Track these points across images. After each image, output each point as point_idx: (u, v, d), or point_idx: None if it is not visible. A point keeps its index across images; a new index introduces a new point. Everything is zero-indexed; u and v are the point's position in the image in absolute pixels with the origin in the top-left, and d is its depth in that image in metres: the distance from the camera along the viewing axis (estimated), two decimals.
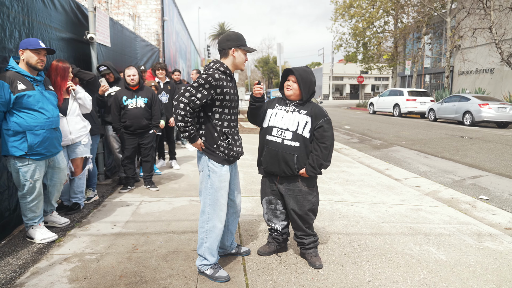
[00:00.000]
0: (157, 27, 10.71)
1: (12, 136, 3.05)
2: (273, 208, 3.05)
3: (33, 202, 3.22)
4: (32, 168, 3.16)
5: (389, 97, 21.31)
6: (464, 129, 13.96)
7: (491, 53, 20.63)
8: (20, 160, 3.10)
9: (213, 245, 2.68)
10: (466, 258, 3.22)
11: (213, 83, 2.53)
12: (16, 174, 3.13)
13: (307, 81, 2.84)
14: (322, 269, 2.90)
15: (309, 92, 2.86)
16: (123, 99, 4.82)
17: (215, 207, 2.67)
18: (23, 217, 3.27)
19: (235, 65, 2.72)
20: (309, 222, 2.93)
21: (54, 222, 3.65)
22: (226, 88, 2.61)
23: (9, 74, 3.04)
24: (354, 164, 7.34)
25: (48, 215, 3.63)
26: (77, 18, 4.89)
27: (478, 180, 6.35)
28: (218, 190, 2.65)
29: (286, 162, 2.81)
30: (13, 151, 3.04)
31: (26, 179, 3.14)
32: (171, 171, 6.23)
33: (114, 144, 5.33)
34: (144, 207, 4.31)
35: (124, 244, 3.27)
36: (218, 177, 2.64)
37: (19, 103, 3.03)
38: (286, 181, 2.90)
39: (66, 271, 2.78)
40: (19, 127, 3.05)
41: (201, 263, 2.71)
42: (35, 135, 3.10)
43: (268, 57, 72.05)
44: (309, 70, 2.93)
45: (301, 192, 2.87)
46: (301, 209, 2.88)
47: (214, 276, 2.67)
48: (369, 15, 27.73)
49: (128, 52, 7.05)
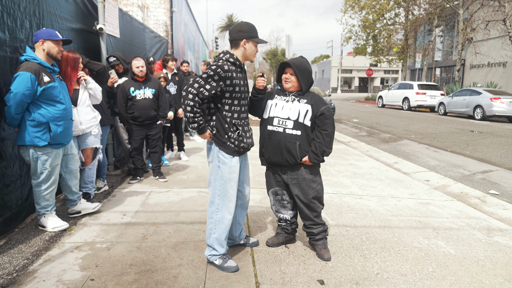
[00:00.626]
0: (166, 18, 10.69)
1: (35, 126, 3.11)
2: (280, 199, 3.08)
3: (47, 190, 3.28)
4: (52, 156, 3.25)
5: (398, 91, 21.08)
6: (474, 123, 13.77)
7: (504, 46, 20.23)
8: (41, 149, 3.17)
9: (221, 236, 2.70)
10: (475, 252, 3.20)
11: (222, 74, 2.52)
12: (34, 163, 3.19)
13: (304, 72, 2.86)
14: (330, 261, 2.91)
15: (308, 82, 2.89)
16: (131, 90, 4.84)
17: (224, 198, 2.68)
18: (36, 205, 3.33)
19: (245, 56, 2.71)
20: (316, 211, 2.94)
21: (86, 209, 3.71)
22: (236, 80, 2.60)
23: (34, 66, 3.06)
24: (363, 158, 7.30)
25: (78, 203, 3.69)
26: (86, 9, 4.90)
27: (488, 175, 6.28)
28: (227, 181, 2.66)
29: (288, 151, 2.84)
30: (36, 142, 3.12)
31: (45, 167, 3.21)
32: (179, 163, 6.27)
33: (123, 135, 5.37)
34: (153, 198, 4.35)
35: (134, 233, 3.31)
36: (228, 168, 2.65)
37: (44, 95, 3.10)
38: (290, 170, 2.92)
39: (77, 259, 2.82)
40: (43, 118, 3.12)
41: (210, 253, 2.74)
42: (57, 126, 3.20)
43: (276, 49, 71.62)
44: (305, 60, 2.93)
45: (305, 180, 2.89)
46: (306, 197, 2.91)
47: (223, 266, 2.69)
48: (380, 7, 27.31)
49: (137, 43, 7.06)
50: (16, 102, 2.95)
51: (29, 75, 2.97)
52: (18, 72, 2.99)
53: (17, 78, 2.96)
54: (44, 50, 3.17)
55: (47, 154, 3.21)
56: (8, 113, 3.00)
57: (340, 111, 18.48)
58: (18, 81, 2.95)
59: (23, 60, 3.11)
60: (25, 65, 3.03)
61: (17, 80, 2.95)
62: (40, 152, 3.17)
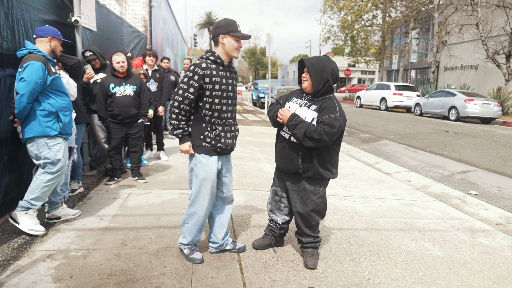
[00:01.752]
0: (145, 13, 10.36)
1: (45, 116, 3.10)
2: (278, 200, 2.96)
3: (52, 181, 3.15)
4: (63, 147, 3.22)
5: (376, 91, 21.41)
6: (449, 124, 14.14)
7: (477, 49, 20.93)
8: (53, 138, 3.14)
9: (193, 228, 2.76)
10: (462, 254, 3.19)
11: (200, 72, 2.53)
12: (45, 154, 3.08)
13: (318, 69, 2.60)
14: (320, 267, 2.81)
15: (321, 81, 2.61)
16: (111, 86, 4.60)
17: (197, 196, 2.70)
18: (29, 194, 3.07)
19: (227, 52, 2.65)
20: (310, 223, 2.80)
21: (67, 215, 3.50)
22: (216, 78, 2.57)
23: (41, 57, 3.06)
24: (344, 157, 7.30)
25: (59, 208, 3.47)
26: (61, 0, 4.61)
27: (467, 175, 6.40)
28: (202, 180, 2.65)
29: (291, 160, 2.70)
30: (48, 131, 3.10)
31: (58, 158, 3.15)
32: (159, 163, 6.05)
33: (99, 133, 5.10)
34: (132, 200, 4.14)
35: (112, 239, 3.11)
36: (203, 167, 2.64)
37: (53, 85, 3.14)
38: (293, 177, 2.79)
39: (50, 269, 2.60)
40: (53, 108, 3.14)
41: (180, 241, 2.83)
42: (65, 116, 3.23)
43: (255, 48, 71.55)
44: (323, 57, 2.69)
45: (305, 191, 2.75)
46: (303, 208, 2.76)
47: (189, 256, 2.77)
48: (358, 8, 27.70)
49: (115, 38, 6.76)
50: (30, 91, 2.93)
51: (40, 64, 2.98)
52: (28, 62, 2.95)
53: (29, 67, 2.93)
54: (50, 46, 3.28)
55: (59, 144, 3.18)
56: (20, 102, 2.92)
57: None
58: (30, 69, 2.93)
59: (26, 53, 3.06)
60: (33, 56, 3.02)
61: (29, 69, 2.93)
62: (53, 141, 3.14)
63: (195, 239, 2.81)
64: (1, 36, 3.27)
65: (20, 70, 2.99)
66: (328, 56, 2.77)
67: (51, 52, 3.30)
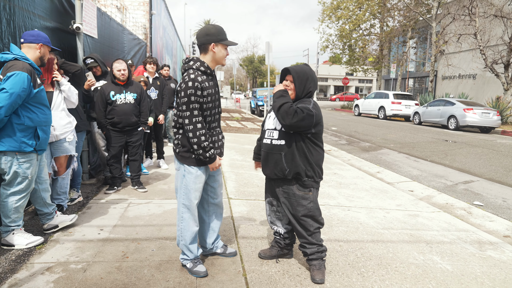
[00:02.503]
0: (145, 20, 10.34)
1: (22, 131, 2.88)
2: (275, 210, 2.95)
3: (21, 201, 2.98)
4: (34, 163, 3.02)
5: (374, 100, 21.46)
6: (449, 133, 14.14)
7: (475, 59, 21.06)
8: (26, 155, 2.93)
9: (188, 242, 2.71)
10: (472, 268, 3.12)
11: (199, 86, 2.49)
12: (14, 171, 2.89)
13: (303, 79, 2.70)
14: (328, 281, 2.73)
15: (304, 89, 2.71)
16: (111, 94, 4.53)
17: (189, 207, 2.68)
18: (5, 219, 2.97)
19: (216, 60, 2.64)
20: (308, 229, 2.74)
21: (64, 222, 3.39)
22: (208, 89, 2.56)
23: (28, 66, 2.86)
24: (345, 167, 7.24)
25: (54, 216, 3.36)
26: (62, 7, 4.57)
27: (470, 185, 6.35)
28: (192, 191, 2.65)
29: (275, 163, 2.69)
30: (23, 147, 2.89)
31: (26, 176, 2.95)
32: (159, 171, 5.96)
33: (99, 141, 5.03)
34: (132, 210, 4.05)
35: (112, 251, 3.01)
36: (193, 178, 2.64)
37: (36, 98, 2.94)
38: (282, 184, 2.77)
39: (48, 282, 2.51)
40: (31, 122, 2.92)
41: (182, 257, 2.78)
42: (43, 131, 3.02)
43: (253, 56, 71.83)
44: (306, 68, 2.78)
45: (295, 196, 2.72)
46: (295, 214, 2.74)
47: (192, 270, 2.71)
48: (356, 18, 27.94)
49: (116, 45, 6.72)
50: (10, 103, 2.71)
51: (25, 75, 2.78)
52: (13, 71, 2.73)
53: (13, 78, 2.72)
54: (39, 53, 3.08)
55: (30, 161, 2.96)
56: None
57: None
58: (15, 80, 2.72)
59: (12, 58, 2.84)
60: (20, 65, 2.81)
61: (12, 80, 2.72)
62: (24, 158, 2.92)
63: (195, 253, 2.75)
64: (3, 42, 3.21)
65: (2, 77, 2.77)
66: (309, 65, 2.84)
67: (38, 60, 3.10)
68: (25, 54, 2.96)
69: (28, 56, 2.98)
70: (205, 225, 2.93)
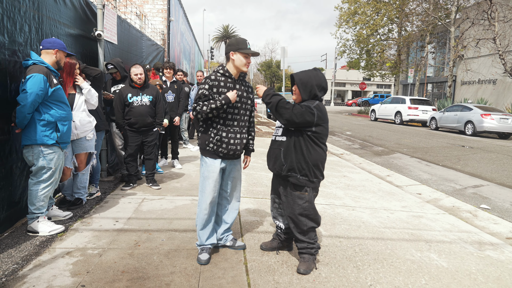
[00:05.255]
0: (163, 27, 10.74)
1: (44, 126, 3.25)
2: (277, 207, 3.14)
3: (44, 190, 3.30)
4: (57, 155, 3.36)
5: (391, 105, 21.33)
6: (465, 138, 13.97)
7: (494, 64, 20.69)
8: (49, 147, 3.29)
9: (199, 228, 3.00)
10: (468, 266, 3.22)
11: (210, 83, 2.90)
12: (40, 162, 3.25)
13: (307, 85, 2.84)
14: (324, 272, 2.90)
15: (309, 94, 2.84)
16: (128, 96, 4.84)
17: (202, 194, 2.98)
18: (30, 206, 3.28)
19: (236, 67, 2.95)
20: (301, 228, 2.88)
21: (57, 216, 3.67)
22: (223, 88, 2.90)
23: (44, 68, 3.21)
24: (356, 170, 7.34)
25: (49, 209, 3.65)
26: (85, 15, 4.92)
27: (480, 190, 6.36)
28: (206, 178, 2.96)
29: (275, 158, 2.92)
30: (45, 140, 3.25)
31: (50, 167, 3.30)
32: (173, 171, 6.24)
33: (117, 141, 5.34)
34: (146, 205, 4.31)
35: (126, 240, 3.28)
36: (207, 167, 2.97)
37: (53, 96, 3.29)
38: (282, 182, 2.95)
39: (68, 264, 2.78)
40: (52, 118, 3.29)
41: (197, 242, 3.06)
42: (63, 125, 3.38)
43: (271, 60, 72.13)
44: (311, 72, 2.89)
45: (291, 195, 2.89)
46: (291, 212, 2.90)
47: (197, 256, 2.96)
48: (373, 23, 27.83)
49: (134, 51, 7.08)
50: (31, 102, 3.08)
51: (42, 76, 3.14)
52: (31, 74, 3.11)
53: (31, 79, 3.09)
54: (56, 58, 3.42)
55: (54, 152, 3.33)
56: (21, 112, 3.10)
57: (333, 124, 18.62)
58: (32, 82, 3.09)
59: (31, 64, 3.21)
60: (36, 68, 3.16)
61: (31, 81, 3.09)
62: (48, 150, 3.28)
63: (202, 240, 2.99)
64: (32, 48, 3.54)
65: (23, 80, 3.14)
66: (317, 69, 2.98)
67: (55, 64, 3.43)
68: (43, 59, 3.31)
69: (45, 60, 3.32)
70: (217, 217, 3.19)
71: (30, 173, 3.30)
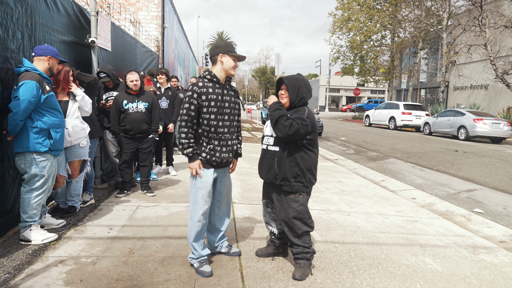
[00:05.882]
0: (157, 33, 10.78)
1: (36, 133, 3.22)
2: (270, 212, 3.14)
3: (37, 198, 3.26)
4: (50, 163, 3.32)
5: (385, 110, 21.48)
6: (458, 143, 14.09)
7: (486, 69, 20.97)
8: (42, 155, 3.25)
9: (195, 240, 2.88)
10: (462, 269, 3.23)
11: (197, 90, 2.77)
12: (32, 169, 3.21)
13: (295, 86, 2.90)
14: (319, 277, 2.90)
15: (297, 96, 2.89)
16: (124, 103, 4.83)
17: (195, 205, 2.88)
18: (23, 214, 3.24)
19: (225, 70, 2.88)
20: (296, 232, 2.89)
21: (50, 224, 3.63)
22: (212, 95, 2.80)
23: (36, 75, 3.19)
24: (350, 175, 7.37)
25: (42, 217, 3.61)
26: (79, 22, 4.92)
27: (473, 194, 6.40)
28: (199, 189, 2.85)
29: (269, 167, 2.90)
30: (38, 147, 3.22)
31: (42, 174, 3.27)
32: (167, 177, 6.22)
33: (111, 148, 5.31)
34: (140, 212, 4.29)
35: (120, 248, 3.25)
36: (200, 178, 2.85)
37: (46, 103, 3.26)
38: (275, 187, 2.95)
39: (61, 273, 2.75)
40: (44, 125, 3.26)
41: (190, 256, 2.93)
42: (56, 132, 3.35)
43: (265, 67, 72.48)
44: (299, 76, 3.00)
45: (286, 199, 2.90)
46: (285, 216, 2.90)
47: (198, 269, 2.83)
48: (367, 29, 28.13)
49: (128, 57, 7.08)
50: (23, 109, 3.06)
51: (34, 83, 3.11)
52: (23, 81, 3.09)
53: (23, 86, 3.07)
54: (48, 65, 3.41)
55: (47, 160, 3.29)
56: (13, 119, 3.07)
57: (328, 129, 18.69)
58: (25, 88, 3.07)
59: (23, 71, 3.18)
60: (29, 75, 3.14)
61: (23, 88, 3.06)
62: (41, 158, 3.25)
63: (199, 252, 2.89)
64: (25, 55, 3.53)
65: (15, 87, 3.11)
66: (302, 74, 3.05)
67: (48, 70, 3.41)
68: (36, 66, 3.29)
69: (38, 67, 3.30)
70: (211, 225, 3.12)
71: (23, 181, 3.26)
